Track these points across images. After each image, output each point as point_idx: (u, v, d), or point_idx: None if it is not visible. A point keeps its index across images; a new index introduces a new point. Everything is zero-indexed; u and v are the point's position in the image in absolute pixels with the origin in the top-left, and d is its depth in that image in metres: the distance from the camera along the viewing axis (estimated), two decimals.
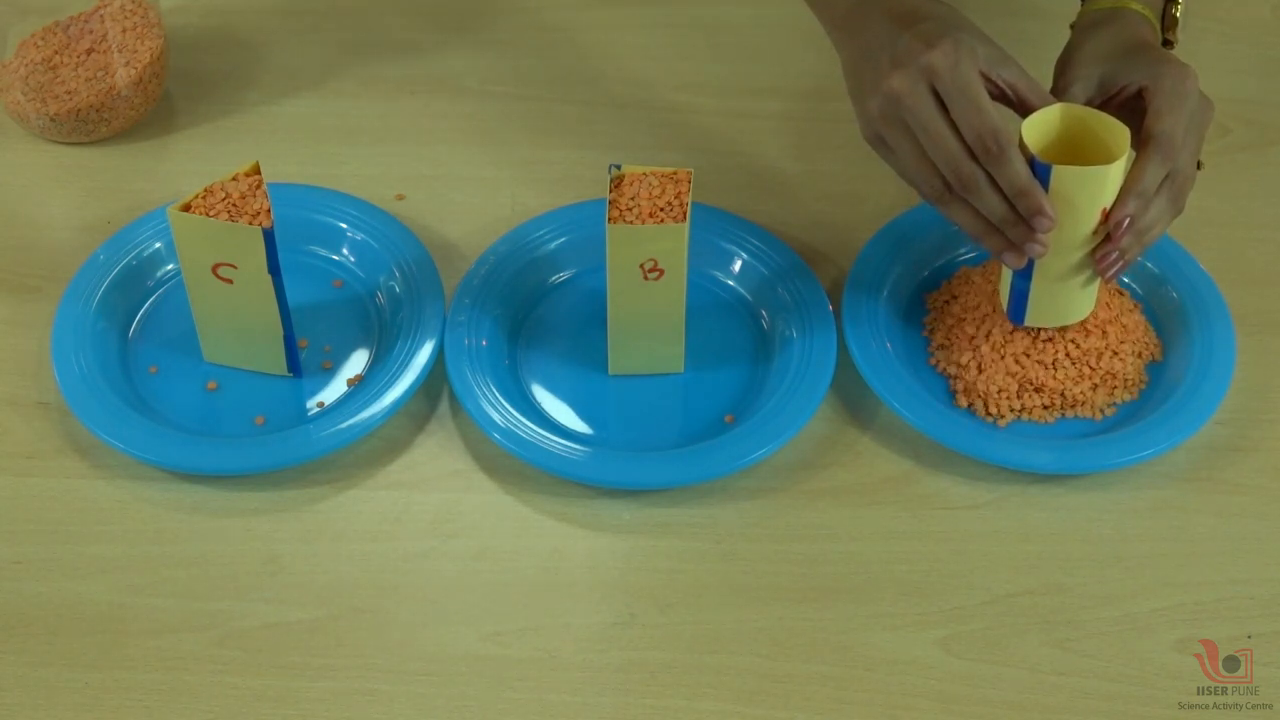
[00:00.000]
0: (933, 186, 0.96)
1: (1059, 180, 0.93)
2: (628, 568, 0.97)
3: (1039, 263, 0.98)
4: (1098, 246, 0.97)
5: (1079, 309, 1.02)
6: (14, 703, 0.91)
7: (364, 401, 1.01)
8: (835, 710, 0.91)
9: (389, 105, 1.24)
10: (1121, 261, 0.97)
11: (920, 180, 0.97)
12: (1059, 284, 0.99)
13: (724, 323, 1.08)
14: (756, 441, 0.99)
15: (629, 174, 0.99)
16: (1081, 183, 0.93)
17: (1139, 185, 0.95)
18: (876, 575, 0.96)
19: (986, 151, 0.93)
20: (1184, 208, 0.98)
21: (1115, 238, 0.96)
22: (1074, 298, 1.01)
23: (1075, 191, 0.94)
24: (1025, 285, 0.99)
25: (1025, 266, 0.98)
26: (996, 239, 0.96)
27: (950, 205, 0.97)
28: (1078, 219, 0.95)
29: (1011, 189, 0.94)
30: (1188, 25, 1.30)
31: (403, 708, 0.91)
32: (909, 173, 0.97)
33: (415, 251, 1.09)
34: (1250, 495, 1.00)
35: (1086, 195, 0.94)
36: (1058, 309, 1.01)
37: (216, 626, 0.94)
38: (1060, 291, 1.00)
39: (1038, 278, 0.99)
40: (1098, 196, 0.94)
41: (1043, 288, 0.99)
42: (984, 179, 0.94)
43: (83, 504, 0.99)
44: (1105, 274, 0.97)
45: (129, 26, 1.17)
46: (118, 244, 1.10)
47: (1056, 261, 0.98)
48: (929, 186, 0.96)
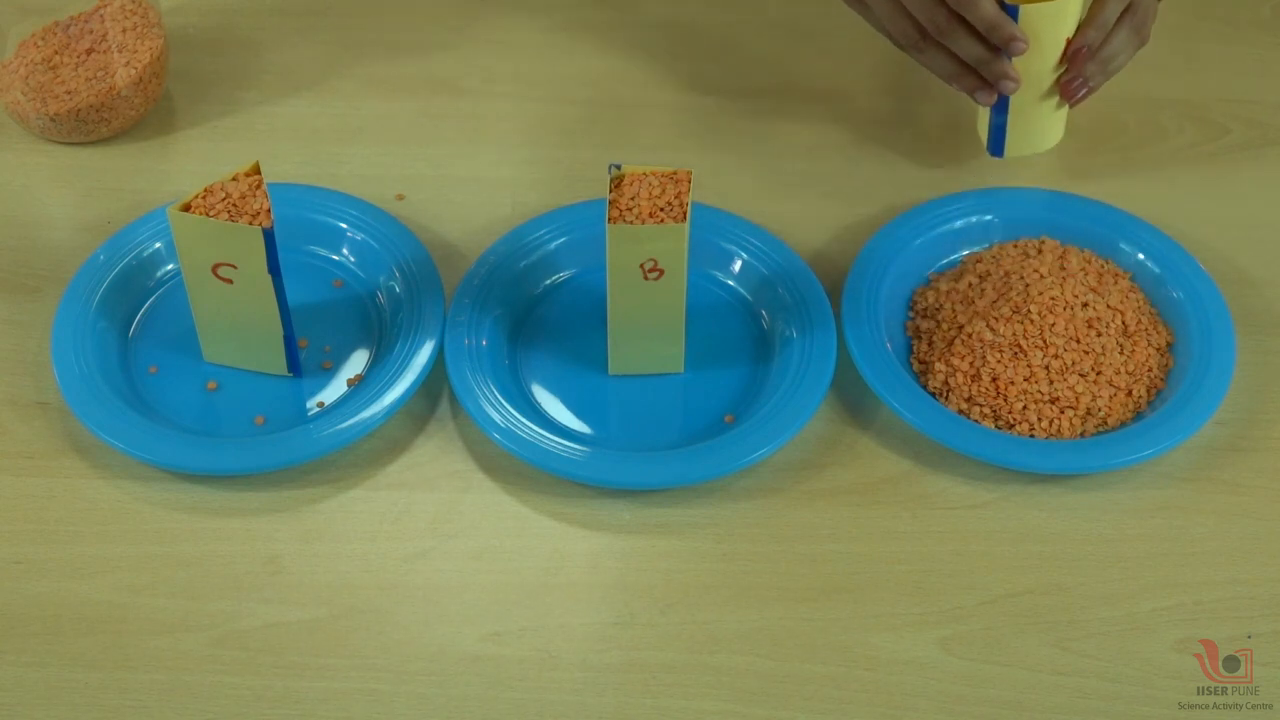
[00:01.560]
0: (908, 35, 1.06)
1: (1025, 19, 1.04)
2: (628, 568, 0.97)
3: (1013, 97, 1.07)
4: (1063, 75, 1.07)
5: (1051, 136, 1.13)
6: (14, 703, 0.91)
7: (364, 401, 1.01)
8: (835, 710, 0.91)
9: (389, 105, 1.23)
10: (1086, 88, 1.06)
11: (896, 30, 1.06)
12: (1033, 112, 1.10)
13: (724, 323, 1.08)
14: (756, 441, 0.99)
15: (629, 174, 0.98)
16: (1046, 17, 1.04)
17: (1099, 17, 1.05)
18: (876, 575, 0.96)
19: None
20: (1148, 38, 1.08)
21: (1076, 64, 1.05)
22: (1047, 125, 1.12)
23: (1041, 27, 1.05)
24: (1002, 119, 1.10)
25: (1000, 102, 1.08)
26: (970, 79, 1.06)
27: (925, 51, 1.06)
28: (1044, 53, 1.06)
29: (984, 24, 1.03)
30: (1188, 25, 1.30)
31: (403, 708, 0.91)
32: (884, 24, 1.07)
33: (415, 251, 1.09)
34: (1250, 495, 1.00)
35: (1050, 30, 1.05)
36: (1032, 138, 1.12)
37: (216, 626, 0.94)
38: (1034, 119, 1.10)
39: (1013, 112, 1.09)
40: (1061, 29, 1.05)
41: (1018, 119, 1.10)
42: (957, 21, 1.03)
43: (83, 504, 0.99)
44: (1070, 99, 1.07)
45: (129, 26, 1.17)
46: (118, 244, 1.10)
47: (1029, 93, 1.08)
48: (904, 36, 1.06)
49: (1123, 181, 1.17)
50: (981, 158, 1.18)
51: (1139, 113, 1.22)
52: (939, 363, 1.04)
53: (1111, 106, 1.21)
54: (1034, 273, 1.07)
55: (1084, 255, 1.09)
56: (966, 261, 1.11)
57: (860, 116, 1.22)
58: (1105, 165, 1.19)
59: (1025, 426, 1.01)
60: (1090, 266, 1.08)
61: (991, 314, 1.04)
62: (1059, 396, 1.01)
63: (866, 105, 1.23)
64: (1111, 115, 1.21)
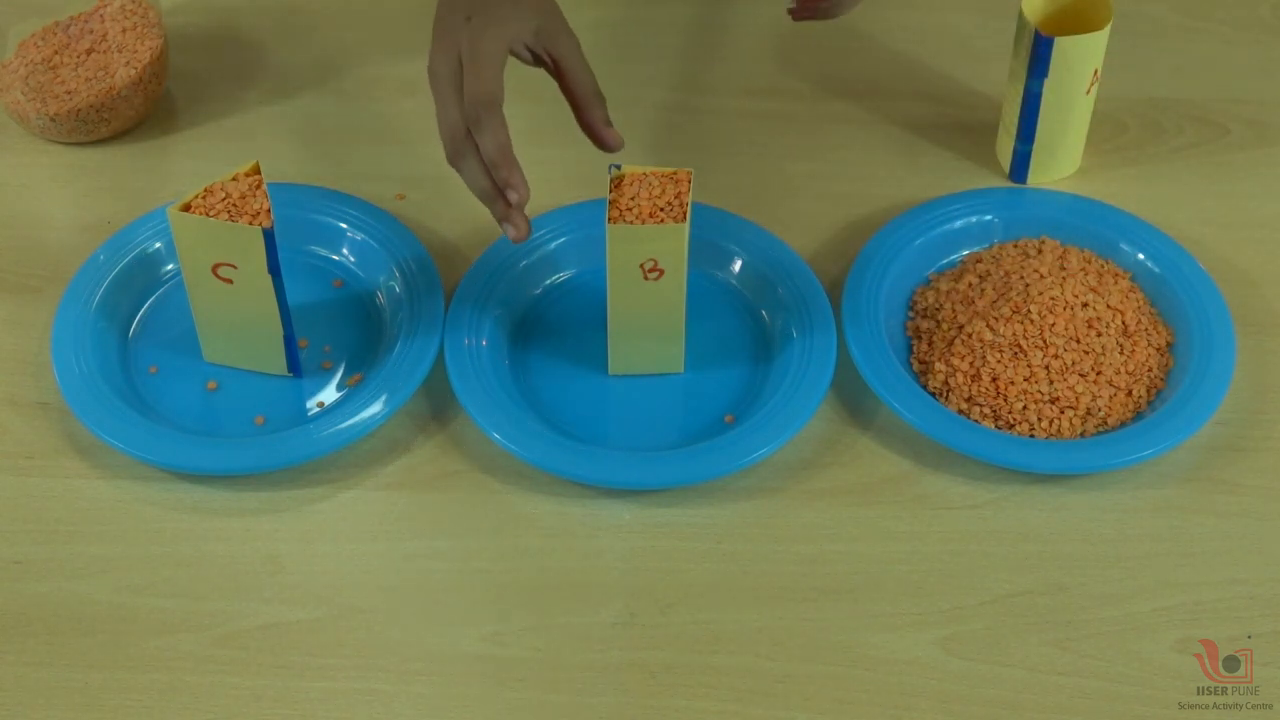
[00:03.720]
0: (445, 149, 0.97)
1: (1059, 50, 1.07)
2: (628, 568, 0.97)
3: (1041, 125, 1.11)
4: None
5: (1074, 161, 1.16)
6: (14, 703, 0.91)
7: (364, 401, 1.01)
8: (835, 710, 0.91)
9: (389, 105, 1.23)
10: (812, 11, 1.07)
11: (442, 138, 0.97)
12: (1060, 140, 1.13)
13: (724, 323, 1.08)
14: (756, 441, 0.99)
15: (629, 174, 0.99)
16: (1079, 48, 1.07)
17: None
18: (876, 575, 0.96)
19: (471, 118, 0.95)
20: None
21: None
22: (1071, 151, 1.15)
23: (1075, 58, 1.08)
24: (1028, 148, 1.13)
25: (1027, 131, 1.12)
26: (500, 205, 0.97)
27: (459, 170, 0.97)
28: (1075, 83, 1.09)
29: (487, 157, 0.95)
30: (1188, 25, 1.30)
31: (403, 708, 0.91)
32: None
33: (415, 251, 1.09)
34: (1250, 495, 1.00)
35: (1081, 61, 1.08)
36: (1056, 165, 1.15)
37: (216, 626, 0.94)
38: (1060, 147, 1.14)
39: (1039, 140, 1.12)
40: (1092, 60, 1.09)
41: (1044, 147, 1.13)
42: (471, 147, 0.96)
43: (83, 504, 0.99)
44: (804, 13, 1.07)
45: (129, 26, 1.17)
46: (118, 244, 1.10)
47: (1058, 122, 1.11)
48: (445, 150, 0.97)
49: (1122, 181, 1.18)
50: (982, 158, 1.18)
51: (1139, 113, 1.22)
52: (939, 363, 1.04)
53: (1112, 106, 1.21)
54: (1034, 273, 1.07)
55: (1084, 255, 1.09)
56: (966, 261, 1.11)
57: (860, 117, 1.22)
58: (1105, 165, 1.19)
59: (1025, 426, 1.01)
60: (1090, 266, 1.08)
61: (992, 314, 1.04)
62: (1059, 396, 1.01)
63: (866, 105, 1.23)
64: (1111, 115, 1.21)
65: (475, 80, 0.95)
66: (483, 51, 0.96)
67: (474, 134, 0.95)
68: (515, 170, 0.95)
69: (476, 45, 0.96)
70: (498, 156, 0.95)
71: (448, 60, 0.97)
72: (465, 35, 0.97)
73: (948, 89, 1.24)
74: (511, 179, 0.95)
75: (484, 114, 0.95)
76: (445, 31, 0.98)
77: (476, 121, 0.95)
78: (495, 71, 0.96)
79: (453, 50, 0.97)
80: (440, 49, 0.97)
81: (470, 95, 0.95)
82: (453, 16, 0.98)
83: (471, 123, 0.95)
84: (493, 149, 0.95)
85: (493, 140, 0.95)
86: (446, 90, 0.97)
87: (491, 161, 0.95)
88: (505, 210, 0.96)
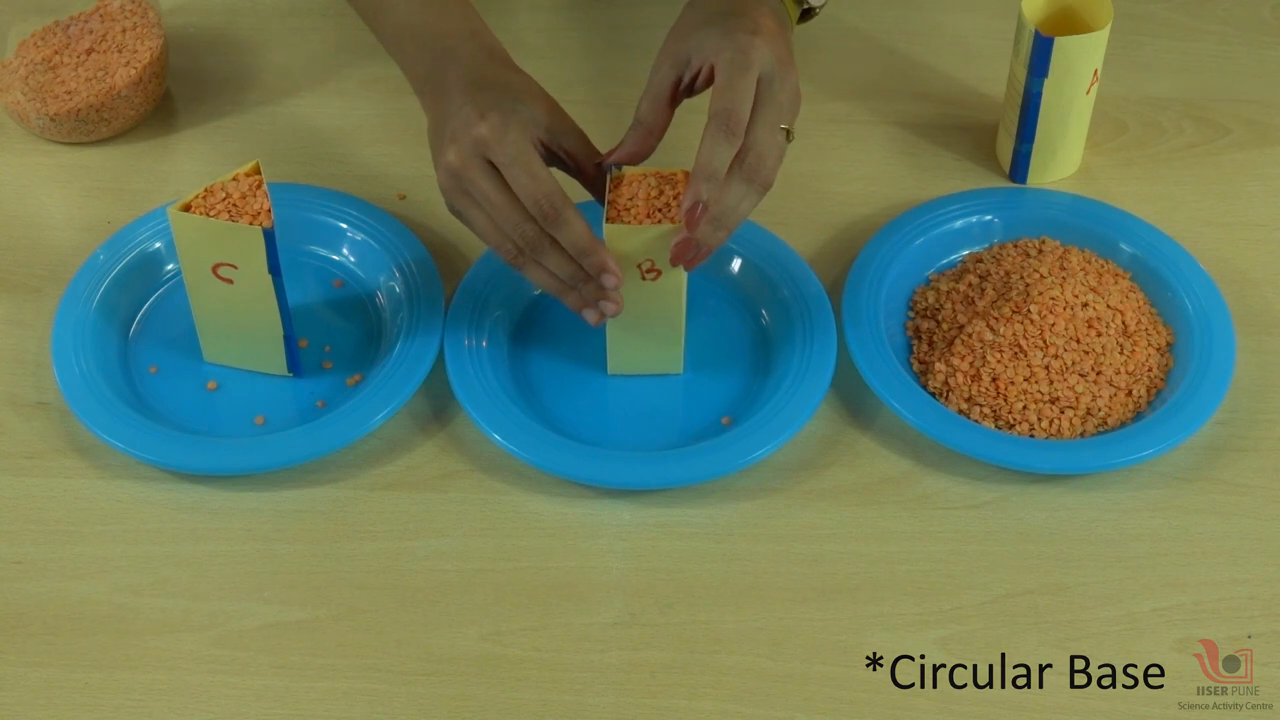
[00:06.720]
0: (507, 251, 0.97)
1: (1059, 49, 1.07)
2: (628, 568, 0.97)
3: (1041, 127, 1.12)
4: (677, 242, 0.94)
5: (1074, 162, 1.17)
6: (14, 702, 0.91)
7: (364, 401, 1.01)
8: (835, 710, 0.91)
9: (389, 105, 1.23)
10: (703, 250, 0.94)
11: (496, 246, 0.97)
12: (1059, 141, 1.13)
13: (724, 323, 1.08)
14: (756, 442, 0.99)
15: (629, 174, 0.98)
16: (1079, 48, 1.07)
17: (706, 168, 0.92)
18: (876, 575, 0.96)
19: (545, 216, 0.94)
20: (771, 183, 0.95)
21: (691, 225, 0.93)
22: (1071, 152, 1.16)
23: (1075, 57, 1.08)
24: (1028, 148, 1.13)
25: (1027, 131, 1.12)
26: (575, 296, 0.98)
27: (526, 267, 0.97)
28: (1075, 82, 1.10)
29: (574, 249, 0.95)
30: (1188, 25, 1.30)
31: (403, 708, 0.91)
32: (485, 239, 0.98)
33: (415, 251, 1.09)
34: (1250, 495, 1.00)
35: (1081, 60, 1.08)
36: (1056, 165, 1.15)
37: (216, 626, 0.94)
38: (1060, 148, 1.14)
39: (1039, 141, 1.13)
40: (1093, 60, 1.09)
41: (1044, 148, 1.13)
42: (548, 241, 0.95)
43: (83, 504, 0.99)
44: (682, 262, 0.94)
45: (129, 26, 1.17)
46: (118, 244, 1.10)
47: (1057, 122, 1.12)
48: (504, 251, 0.97)
49: (1122, 181, 1.17)
50: (982, 158, 1.18)
51: (1139, 113, 1.22)
52: (939, 363, 1.04)
53: (1111, 106, 1.21)
54: (1034, 273, 1.07)
55: (1084, 255, 1.09)
56: (967, 261, 1.11)
57: (860, 117, 1.22)
58: (1105, 165, 1.19)
59: (1025, 426, 1.01)
60: (1090, 266, 1.08)
61: (992, 314, 1.04)
62: (1059, 396, 1.01)
63: (866, 106, 1.23)
64: (1111, 115, 1.21)
65: (532, 180, 0.94)
66: (521, 151, 0.94)
67: (551, 230, 0.94)
68: (608, 253, 0.95)
69: (506, 146, 0.94)
70: (588, 245, 0.94)
71: (477, 164, 0.95)
72: (487, 136, 0.94)
73: (948, 89, 1.24)
74: (607, 264, 0.95)
75: (562, 208, 0.94)
76: (460, 132, 0.95)
77: (555, 217, 0.94)
78: (543, 166, 0.95)
79: (475, 152, 0.95)
80: (460, 153, 0.95)
81: (537, 195, 0.94)
82: (461, 116, 0.96)
83: (548, 221, 0.94)
84: (582, 239, 0.94)
85: (577, 231, 0.94)
86: (492, 194, 0.95)
87: (581, 250, 0.95)
88: (599, 292, 0.96)
